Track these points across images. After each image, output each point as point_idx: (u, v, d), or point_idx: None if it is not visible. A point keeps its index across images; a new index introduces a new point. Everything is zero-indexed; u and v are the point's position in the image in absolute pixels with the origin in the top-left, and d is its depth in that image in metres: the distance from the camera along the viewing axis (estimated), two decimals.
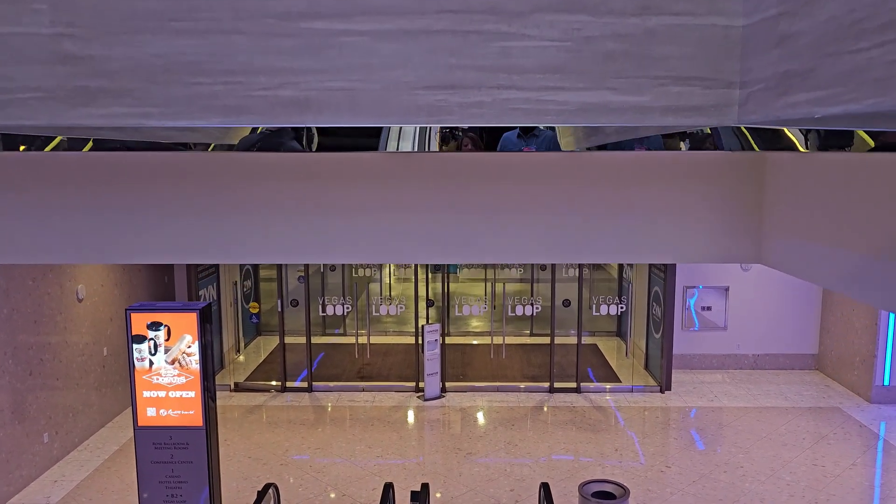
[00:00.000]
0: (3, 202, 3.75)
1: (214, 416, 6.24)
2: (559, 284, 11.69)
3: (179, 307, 5.94)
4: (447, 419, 10.42)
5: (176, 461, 6.07)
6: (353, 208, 3.68)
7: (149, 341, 5.92)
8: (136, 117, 2.47)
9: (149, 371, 6.00)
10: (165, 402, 6.03)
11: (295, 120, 2.48)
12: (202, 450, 6.04)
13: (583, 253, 3.46)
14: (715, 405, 10.82)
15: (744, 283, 12.19)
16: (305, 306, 11.50)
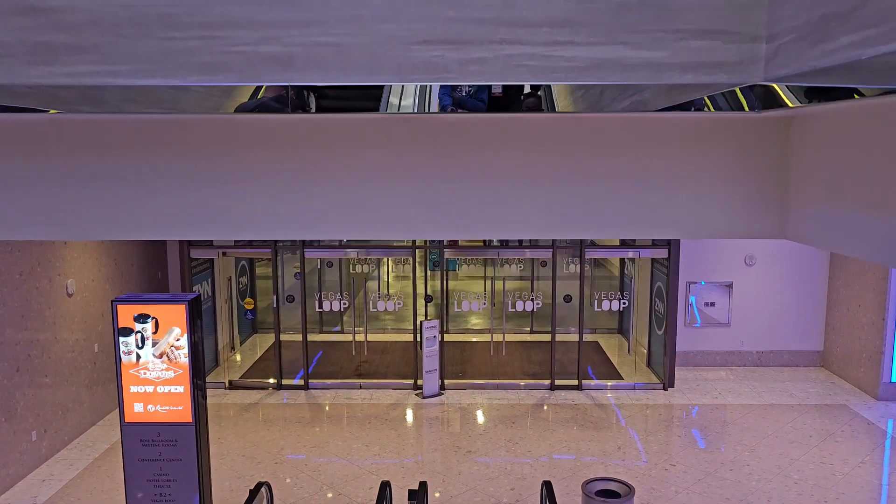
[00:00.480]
0: None
1: (204, 413, 6.02)
2: (559, 282, 11.47)
3: (167, 298, 5.72)
4: (446, 417, 10.21)
5: (164, 459, 5.85)
6: (346, 178, 3.47)
7: (136, 334, 5.70)
8: (104, 76, 2.25)
9: (136, 365, 5.78)
10: (153, 397, 5.81)
11: (277, 78, 2.26)
12: (191, 447, 5.82)
13: (590, 227, 3.25)
14: (719, 402, 10.61)
15: (747, 279, 11.98)
16: (301, 303, 11.28)
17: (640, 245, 11.69)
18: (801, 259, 11.93)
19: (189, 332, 5.71)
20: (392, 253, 12.16)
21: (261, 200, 3.44)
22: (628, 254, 12.00)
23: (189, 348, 5.73)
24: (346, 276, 14.77)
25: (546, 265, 14.59)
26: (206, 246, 11.34)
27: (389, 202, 3.48)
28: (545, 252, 11.28)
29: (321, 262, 14.60)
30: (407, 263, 14.17)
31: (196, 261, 11.30)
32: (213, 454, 8.81)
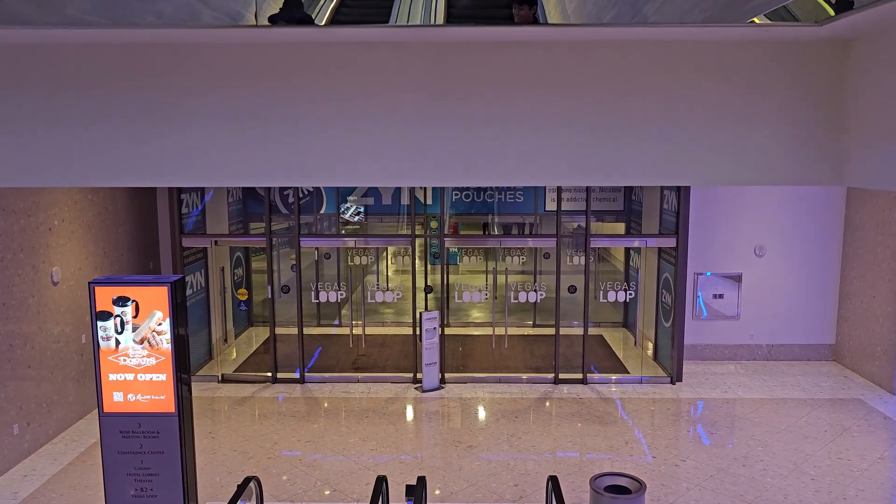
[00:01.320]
0: None
1: (189, 402, 5.67)
2: (563, 276, 11.10)
3: (149, 280, 5.36)
4: (446, 411, 9.85)
5: (145, 451, 5.49)
6: (334, 116, 3.11)
7: (115, 318, 5.34)
8: None
9: (115, 351, 5.42)
10: (134, 385, 5.45)
11: None
12: (174, 439, 5.46)
13: (614, 172, 2.88)
14: (729, 397, 10.24)
15: (757, 270, 11.61)
16: (297, 295, 10.91)
17: (647, 234, 11.33)
18: (812, 249, 11.56)
19: (171, 315, 5.35)
20: (392, 242, 11.79)
21: (238, 144, 3.08)
22: (634, 243, 11.65)
23: (172, 333, 5.37)
24: (345, 269, 14.41)
25: (549, 257, 14.23)
26: (198, 235, 10.99)
27: (382, 144, 3.11)
28: (549, 241, 10.91)
29: (318, 254, 14.24)
30: (407, 255, 13.81)
31: (189, 250, 10.94)
32: (203, 449, 8.46)
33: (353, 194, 13.39)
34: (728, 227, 11.52)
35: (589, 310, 10.99)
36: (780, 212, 11.49)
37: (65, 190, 8.94)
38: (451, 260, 15.48)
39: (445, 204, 12.14)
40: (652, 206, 11.80)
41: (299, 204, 10.68)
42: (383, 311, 14.96)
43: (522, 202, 13.35)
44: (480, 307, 15.08)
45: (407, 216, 11.52)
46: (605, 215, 13.19)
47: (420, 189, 13.31)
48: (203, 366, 11.43)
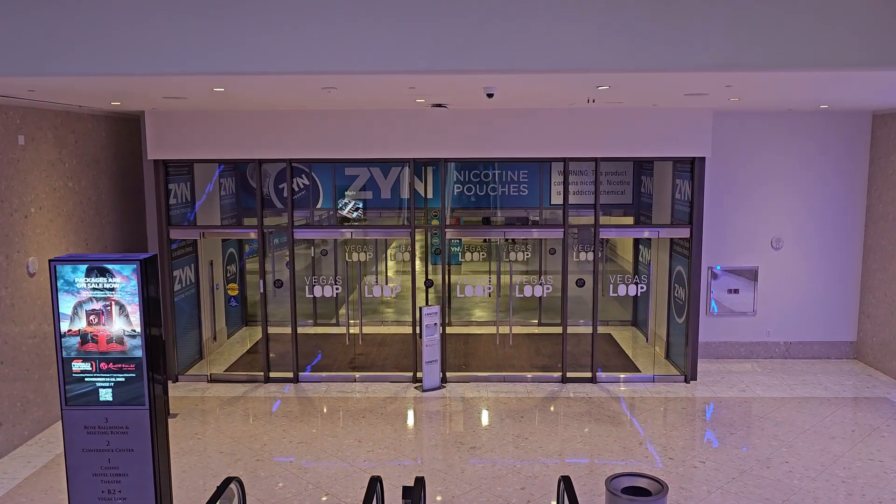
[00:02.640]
0: None
1: (163, 395, 5.13)
2: (570, 273, 10.56)
3: (117, 258, 4.83)
4: (448, 411, 9.29)
5: (113, 449, 4.95)
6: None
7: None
8: None
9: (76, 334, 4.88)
10: (100, 375, 4.91)
11: None
12: (145, 435, 4.91)
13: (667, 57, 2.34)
14: (747, 396, 9.67)
15: (774, 264, 11.05)
16: (291, 290, 10.37)
17: (659, 224, 10.78)
18: (832, 241, 11.00)
19: (142, 297, 4.81)
20: (391, 233, 11.25)
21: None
22: (644, 233, 11.09)
23: (142, 317, 4.84)
24: (343, 267, 13.86)
25: (555, 253, 13.69)
26: (186, 227, 10.46)
27: (373, 25, 2.58)
28: (555, 231, 10.36)
29: (314, 249, 13.72)
30: (406, 251, 13.28)
31: (178, 244, 10.41)
32: (188, 451, 7.92)
33: (351, 188, 12.88)
34: (743, 219, 10.97)
35: (598, 305, 10.42)
36: (797, 202, 10.95)
37: (43, 176, 8.43)
38: (453, 259, 14.95)
39: (446, 197, 11.62)
40: (663, 197, 11.26)
41: (293, 200, 10.15)
42: (383, 311, 14.43)
43: (527, 195, 12.83)
44: (483, 306, 14.54)
45: (406, 210, 10.96)
46: (613, 209, 12.66)
47: (420, 182, 12.79)
48: (193, 365, 10.88)
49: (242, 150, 9.83)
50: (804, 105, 9.53)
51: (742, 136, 10.80)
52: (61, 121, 8.86)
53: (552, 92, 7.08)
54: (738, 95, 7.72)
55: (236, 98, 7.48)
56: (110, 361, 4.84)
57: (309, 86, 6.49)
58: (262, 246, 10.24)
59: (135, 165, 10.81)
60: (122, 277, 4.75)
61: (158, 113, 9.66)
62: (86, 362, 4.86)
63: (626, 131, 9.66)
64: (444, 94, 7.00)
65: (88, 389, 4.92)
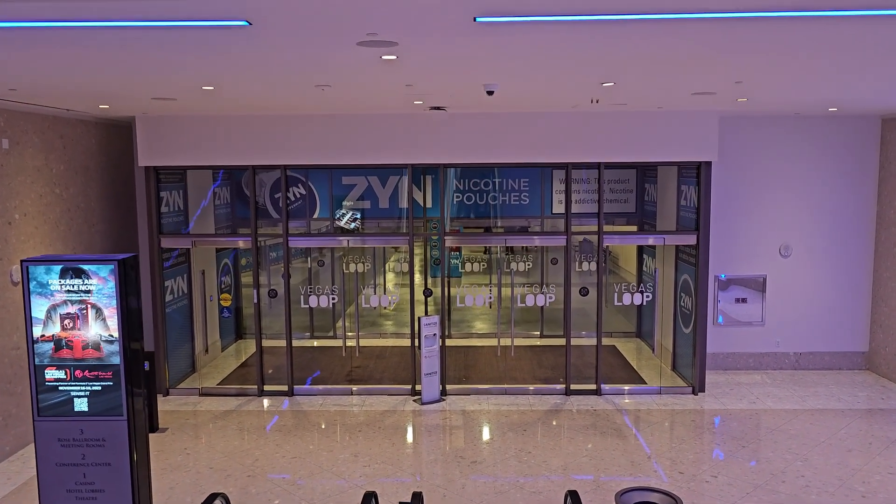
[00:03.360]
0: None
1: (142, 406, 4.81)
2: (572, 283, 10.27)
3: (94, 258, 4.53)
4: (448, 424, 8.95)
5: (89, 463, 4.63)
6: None
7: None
8: None
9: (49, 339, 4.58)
10: (76, 384, 4.60)
11: None
12: (123, 448, 4.59)
13: None
14: (758, 408, 9.33)
15: (783, 272, 10.75)
16: (286, 302, 10.06)
17: (665, 231, 10.49)
18: (841, 249, 10.71)
19: (120, 301, 4.51)
20: (389, 241, 10.96)
21: None
22: (649, 240, 10.78)
23: (120, 322, 4.53)
24: (340, 279, 13.55)
25: (557, 263, 13.39)
26: (178, 235, 10.16)
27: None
28: (558, 239, 10.07)
29: (310, 259, 13.43)
30: (405, 262, 12.98)
31: (174, 256, 10.11)
32: (176, 467, 7.58)
33: (348, 198, 12.60)
34: (750, 227, 10.69)
35: (602, 315, 10.10)
36: (806, 209, 10.67)
37: (28, 181, 8.16)
38: (453, 272, 14.66)
39: (446, 204, 11.35)
40: (667, 205, 10.98)
41: (287, 208, 9.88)
42: (382, 323, 14.12)
43: (528, 204, 12.54)
44: (484, 318, 14.23)
45: (405, 220, 10.66)
46: (616, 218, 12.35)
47: (419, 191, 12.51)
48: (185, 378, 10.55)
49: (236, 156, 9.57)
50: (812, 108, 9.28)
51: (748, 142, 10.54)
52: (48, 125, 8.60)
53: (555, 90, 6.82)
54: (746, 95, 7.46)
55: (227, 98, 7.21)
56: (86, 369, 4.53)
57: (301, 83, 6.23)
58: (256, 255, 9.95)
59: (126, 173, 10.54)
60: (98, 279, 4.46)
61: (150, 118, 9.41)
62: (60, 370, 4.55)
63: (630, 135, 9.40)
64: (443, 91, 6.74)
65: (62, 399, 4.60)
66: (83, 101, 7.57)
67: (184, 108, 8.46)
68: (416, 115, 9.35)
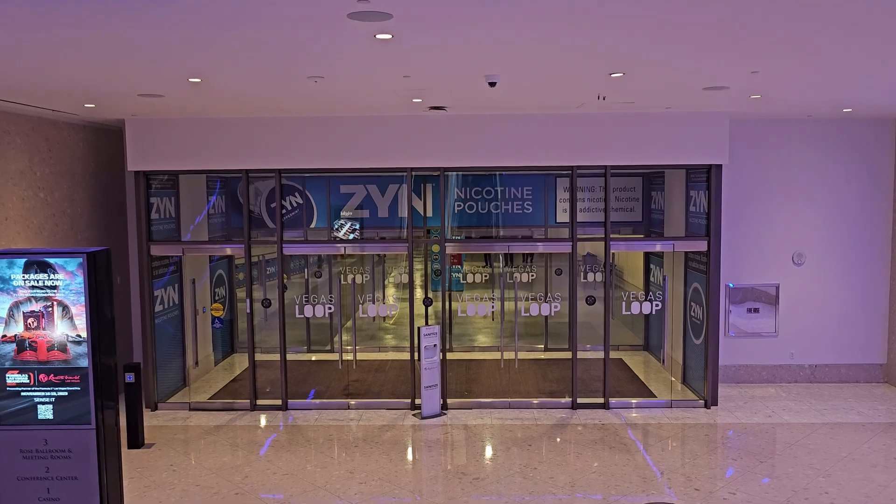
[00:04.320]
0: None
1: (113, 415, 4.41)
2: (575, 293, 9.90)
3: (61, 251, 4.16)
4: (449, 439, 8.51)
5: (53, 477, 4.22)
6: None
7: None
8: None
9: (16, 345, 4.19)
10: (40, 390, 4.20)
11: None
12: (91, 460, 4.19)
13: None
14: (774, 422, 8.89)
15: (796, 281, 10.35)
16: (279, 311, 9.68)
17: (674, 237, 10.10)
18: (857, 256, 10.32)
19: (89, 298, 4.13)
20: (389, 248, 10.60)
21: None
22: (656, 247, 10.37)
23: (89, 321, 4.15)
24: (337, 290, 13.16)
25: (561, 273, 13.01)
26: (168, 242, 9.79)
27: None
28: (563, 245, 9.70)
29: (308, 271, 13.05)
30: (405, 272, 12.60)
31: (159, 262, 9.74)
32: (160, 484, 7.16)
33: (346, 207, 12.26)
34: (761, 234, 10.31)
35: (610, 327, 9.69)
36: (819, 215, 10.29)
37: (10, 184, 7.81)
38: (455, 286, 14.25)
39: (446, 210, 11.00)
40: (675, 212, 10.61)
41: (282, 214, 9.54)
42: (382, 337, 13.71)
43: (531, 213, 12.19)
44: (486, 332, 13.82)
45: (405, 230, 10.28)
46: (622, 227, 11.98)
47: (419, 200, 12.17)
48: (175, 392, 10.13)
49: (229, 160, 9.23)
50: (826, 109, 8.94)
51: (759, 147, 10.20)
52: (32, 126, 8.27)
53: (561, 81, 6.47)
54: (760, 89, 7.11)
55: (215, 92, 6.87)
56: (51, 373, 4.14)
57: (292, 72, 5.89)
58: (249, 263, 9.58)
59: (117, 180, 10.21)
60: (65, 273, 4.09)
61: (140, 121, 9.08)
62: (22, 374, 4.16)
63: (637, 138, 9.06)
64: (442, 83, 6.39)
65: (25, 405, 4.21)
66: (66, 98, 7.23)
67: (173, 109, 8.14)
68: (415, 117, 9.03)
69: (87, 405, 4.22)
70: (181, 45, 4.83)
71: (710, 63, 5.63)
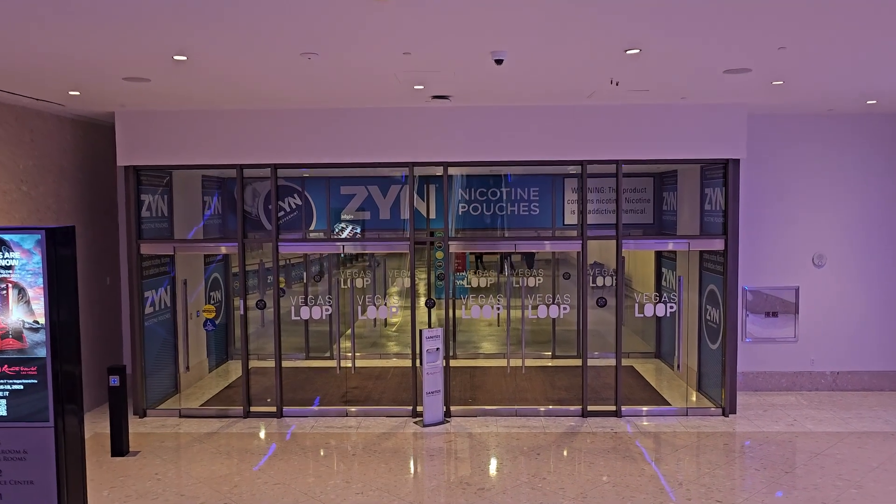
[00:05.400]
0: None
1: (77, 411, 3.96)
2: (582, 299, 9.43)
3: (17, 228, 3.73)
4: (452, 448, 8.03)
5: (6, 481, 3.76)
6: None
7: None
8: None
9: None
10: None
11: None
12: (49, 462, 3.74)
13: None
14: (796, 430, 8.39)
15: (817, 283, 9.87)
16: (275, 314, 9.24)
17: (688, 235, 9.62)
18: (882, 258, 9.84)
19: (48, 279, 3.70)
20: (391, 247, 10.12)
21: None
22: (668, 245, 9.89)
23: (47, 306, 3.71)
24: (336, 293, 12.71)
25: (570, 277, 12.56)
26: (158, 240, 9.36)
27: None
28: (572, 244, 9.27)
29: (306, 274, 12.63)
30: (406, 276, 12.15)
31: (150, 262, 9.31)
32: (142, 493, 6.69)
33: (347, 209, 11.84)
34: (780, 234, 9.84)
35: (622, 331, 9.21)
36: (841, 214, 9.82)
37: None
38: (459, 292, 13.80)
39: (450, 209, 10.60)
40: (689, 212, 10.16)
41: (278, 218, 9.11)
42: (384, 343, 13.25)
43: (538, 215, 11.76)
44: (492, 339, 13.34)
45: (408, 231, 9.84)
46: (633, 229, 11.54)
47: (422, 202, 11.75)
48: (167, 399, 9.67)
49: (223, 155, 8.83)
50: (850, 100, 8.49)
51: (777, 143, 9.76)
52: (15, 116, 7.88)
53: (573, 60, 6.03)
54: (785, 70, 6.66)
55: (202, 72, 6.44)
56: (4, 363, 3.70)
57: (284, 48, 5.48)
58: (243, 261, 9.15)
59: (109, 177, 9.81)
60: (22, 252, 3.66)
61: (130, 114, 8.69)
62: None
63: (651, 131, 8.63)
64: (445, 61, 5.95)
65: None
66: (47, 82, 6.83)
67: (162, 97, 7.73)
68: (417, 109, 8.62)
69: (44, 400, 3.77)
70: (163, 15, 4.44)
71: (734, 35, 5.20)
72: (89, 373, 9.31)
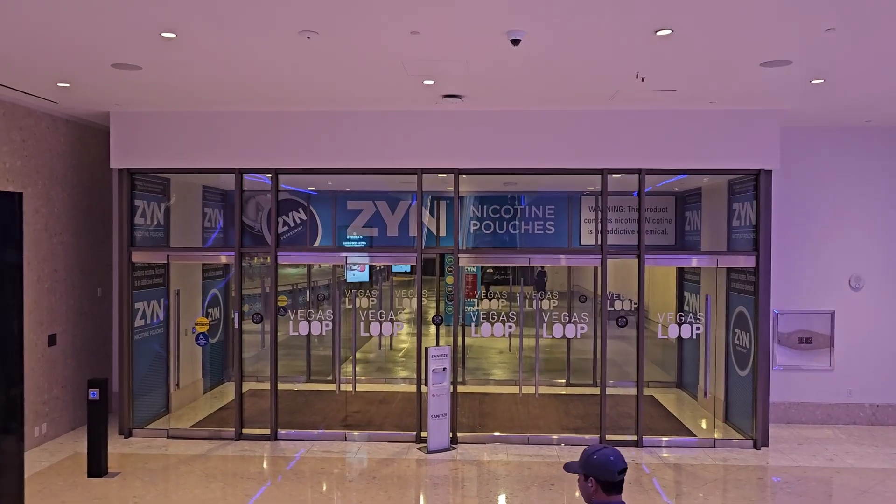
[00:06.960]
0: None
1: (17, 426, 3.37)
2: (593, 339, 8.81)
3: None
4: (458, 476, 7.35)
5: None
6: None
7: None
8: None
9: None
10: None
11: None
12: None
13: None
14: (836, 465, 7.66)
15: (854, 308, 9.19)
16: (272, 333, 8.67)
17: (716, 251, 8.98)
18: None
19: None
20: (398, 258, 9.60)
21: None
22: (692, 261, 9.26)
23: None
24: (342, 315, 12.12)
25: (585, 301, 11.91)
26: (151, 248, 8.84)
27: None
28: (591, 258, 8.67)
29: (310, 293, 12.06)
30: (413, 296, 11.56)
31: (143, 272, 8.79)
32: None
33: (353, 225, 11.32)
34: (814, 254, 9.21)
35: (643, 357, 8.55)
36: (879, 233, 9.19)
37: None
38: (469, 320, 13.17)
39: (461, 220, 10.04)
40: (714, 230, 9.55)
41: (277, 233, 8.61)
42: (391, 368, 12.61)
43: (553, 234, 11.17)
44: (502, 366, 12.68)
45: (416, 246, 9.30)
46: (654, 250, 10.91)
47: (432, 218, 11.23)
48: (157, 418, 9.07)
49: (221, 158, 8.37)
50: (891, 106, 7.92)
51: (811, 158, 9.18)
52: (3, 112, 7.46)
53: (597, 43, 5.51)
54: (828, 63, 6.12)
55: (193, 55, 5.97)
56: None
57: (281, 25, 5.01)
58: (240, 270, 8.62)
59: (103, 181, 9.37)
60: None
61: (125, 114, 8.27)
62: None
63: (676, 138, 8.09)
64: (456, 42, 5.44)
65: None
66: (33, 69, 6.40)
67: (155, 91, 7.28)
68: (426, 112, 8.15)
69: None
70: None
71: (777, 12, 4.67)
72: (76, 389, 8.75)
